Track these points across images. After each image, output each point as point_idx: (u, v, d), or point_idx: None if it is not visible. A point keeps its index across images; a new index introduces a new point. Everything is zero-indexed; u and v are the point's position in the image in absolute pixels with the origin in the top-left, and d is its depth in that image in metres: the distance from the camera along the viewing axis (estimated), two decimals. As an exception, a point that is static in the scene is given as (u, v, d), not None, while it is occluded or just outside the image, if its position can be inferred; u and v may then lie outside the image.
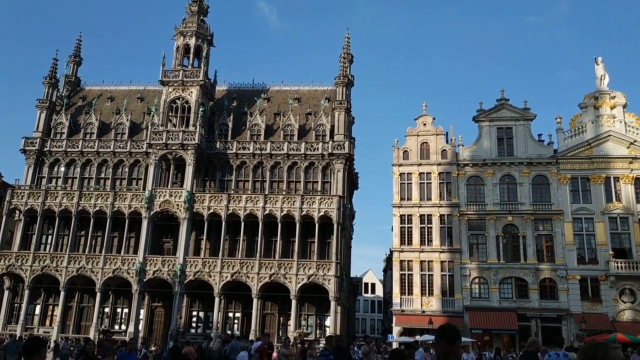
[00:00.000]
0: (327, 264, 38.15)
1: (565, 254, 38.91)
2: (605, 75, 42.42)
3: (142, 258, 39.11)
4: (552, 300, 38.45)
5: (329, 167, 41.65)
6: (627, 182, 39.75)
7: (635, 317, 37.05)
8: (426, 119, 43.79)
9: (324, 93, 46.52)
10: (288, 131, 43.26)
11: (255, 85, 48.23)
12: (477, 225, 40.80)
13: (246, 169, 42.50)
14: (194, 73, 43.20)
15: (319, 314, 39.95)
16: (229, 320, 40.83)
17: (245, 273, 38.33)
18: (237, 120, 44.57)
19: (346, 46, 45.34)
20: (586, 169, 40.53)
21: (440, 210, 41.24)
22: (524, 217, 39.94)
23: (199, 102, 42.63)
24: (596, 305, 37.75)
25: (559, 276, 38.56)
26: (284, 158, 41.88)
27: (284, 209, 39.17)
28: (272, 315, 40.40)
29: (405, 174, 42.69)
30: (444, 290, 39.81)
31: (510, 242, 40.11)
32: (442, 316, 38.66)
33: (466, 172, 41.92)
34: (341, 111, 42.60)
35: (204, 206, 39.88)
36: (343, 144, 41.48)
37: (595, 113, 41.46)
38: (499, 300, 38.91)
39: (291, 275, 37.80)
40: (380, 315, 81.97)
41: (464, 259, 39.92)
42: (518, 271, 39.19)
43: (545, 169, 40.93)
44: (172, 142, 41.21)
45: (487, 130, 42.56)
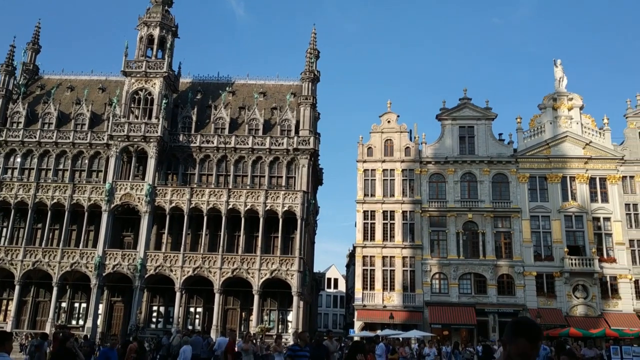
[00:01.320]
0: (290, 259, 38.21)
1: (523, 251, 39.96)
2: (563, 77, 43.63)
3: (102, 252, 38.33)
4: (509, 295, 39.46)
5: (293, 163, 41.63)
6: (582, 181, 41.05)
7: (587, 312, 38.36)
8: (390, 117, 44.22)
9: (290, 88, 46.46)
10: (253, 125, 43.03)
11: (220, 78, 47.77)
12: (438, 222, 41.49)
13: (210, 163, 42.09)
14: (157, 64, 42.47)
15: (282, 309, 40.00)
16: (190, 316, 40.48)
17: (208, 268, 38.04)
18: (201, 113, 44.06)
19: (312, 42, 45.34)
20: (544, 169, 41.67)
21: (402, 206, 41.76)
22: (483, 214, 40.81)
23: (163, 94, 41.95)
24: (551, 301, 38.93)
25: (516, 272, 39.59)
26: (249, 152, 41.65)
27: (247, 203, 38.99)
28: (234, 310, 40.24)
29: (369, 171, 43.03)
30: (405, 286, 40.37)
31: (470, 239, 40.95)
32: (403, 311, 39.27)
33: (429, 169, 42.54)
34: (307, 106, 42.62)
35: (166, 200, 39.33)
36: (308, 140, 41.52)
37: (553, 114, 42.64)
38: (459, 295, 39.70)
39: (254, 270, 37.70)
40: (343, 310, 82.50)
41: (425, 255, 40.56)
42: (477, 267, 40.05)
43: (505, 167, 41.90)
44: (134, 134, 40.46)
45: (449, 129, 43.26)
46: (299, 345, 10.99)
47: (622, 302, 38.65)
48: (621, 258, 39.48)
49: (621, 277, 39.03)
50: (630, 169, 41.20)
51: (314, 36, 45.58)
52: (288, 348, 11.27)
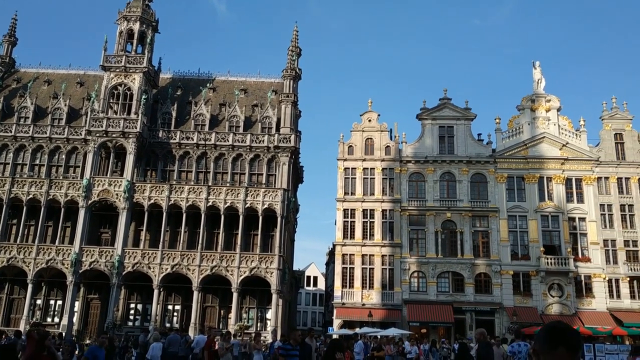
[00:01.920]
0: (270, 256, 38.14)
1: (500, 250, 40.46)
2: (542, 79, 44.22)
3: (78, 248, 37.81)
4: (486, 294, 39.92)
5: (274, 160, 41.55)
6: (559, 182, 41.69)
7: (562, 310, 39.01)
8: (371, 115, 44.37)
9: (271, 85, 46.33)
10: (233, 122, 42.82)
11: (201, 75, 47.43)
12: (417, 221, 41.78)
13: (189, 160, 41.79)
14: (137, 59, 42.00)
15: (261, 307, 39.93)
16: (168, 313, 40.19)
17: (186, 265, 37.79)
18: (181, 109, 43.72)
19: (294, 39, 45.27)
20: (522, 169, 42.23)
21: (382, 205, 41.96)
22: (462, 213, 41.21)
23: (142, 89, 41.51)
24: (527, 299, 39.49)
25: (493, 271, 40.07)
26: (229, 149, 41.44)
27: (227, 200, 38.82)
28: (213, 308, 40.05)
29: (350, 169, 43.15)
30: (384, 284, 40.59)
31: (449, 238, 41.33)
32: (382, 309, 39.48)
33: (408, 168, 42.80)
34: (288, 104, 42.56)
35: (144, 196, 38.95)
36: (289, 137, 41.46)
37: (531, 115, 43.21)
38: (437, 293, 40.04)
39: (233, 268, 37.55)
40: (322, 308, 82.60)
41: (404, 254, 40.83)
42: (455, 266, 40.43)
43: (484, 167, 42.35)
44: (112, 129, 39.97)
45: (429, 129, 43.57)
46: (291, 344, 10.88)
47: (596, 300, 39.38)
48: (595, 258, 40.20)
49: (595, 277, 39.76)
50: (605, 170, 41.96)
51: (295, 34, 45.52)
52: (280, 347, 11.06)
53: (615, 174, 41.85)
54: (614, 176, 41.81)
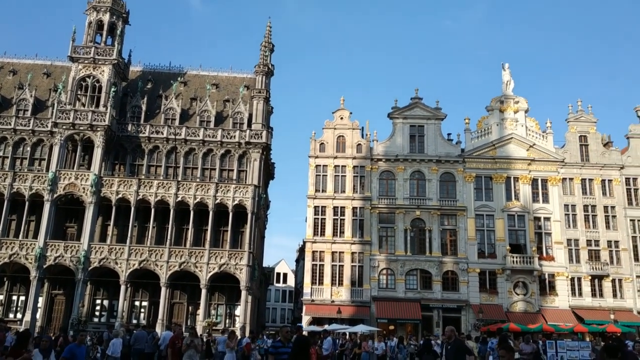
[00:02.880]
0: (239, 253, 37.99)
1: (467, 248, 41.12)
2: (510, 80, 45.02)
3: (43, 243, 36.98)
4: (453, 291, 40.53)
5: (245, 156, 41.36)
6: (525, 182, 42.56)
7: (526, 308, 39.88)
8: (343, 113, 44.52)
9: (243, 81, 46.08)
10: (204, 117, 42.46)
11: (172, 68, 46.87)
12: (387, 219, 42.14)
13: (159, 154, 41.29)
14: (106, 51, 41.24)
15: (229, 304, 39.76)
16: (135, 309, 39.71)
17: (154, 261, 37.37)
18: (151, 103, 43.13)
19: (267, 35, 45.07)
20: (490, 169, 42.96)
21: (353, 202, 42.18)
22: (431, 212, 41.72)
23: (111, 81, 40.80)
24: (493, 297, 40.24)
25: (460, 269, 40.70)
26: (199, 144, 41.09)
27: (197, 196, 38.49)
28: (181, 305, 39.71)
29: (321, 166, 43.25)
30: (353, 281, 40.83)
31: (418, 236, 41.80)
32: (351, 306, 39.72)
33: (379, 166, 43.12)
34: (260, 100, 42.39)
35: (112, 191, 38.32)
36: (260, 133, 41.32)
37: (500, 116, 43.98)
38: (405, 291, 40.48)
39: (202, 264, 37.28)
40: (291, 304, 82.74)
41: (374, 251, 41.15)
42: (423, 263, 40.93)
43: (453, 167, 42.94)
44: (80, 122, 39.19)
45: (400, 127, 43.96)
46: (281, 342, 10.18)
47: (559, 298, 40.37)
48: (559, 256, 41.20)
49: (559, 275, 40.75)
50: (569, 172, 43.01)
51: (269, 30, 45.32)
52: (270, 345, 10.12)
53: (580, 175, 42.94)
54: (578, 177, 42.90)
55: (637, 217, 42.10)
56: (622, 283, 40.82)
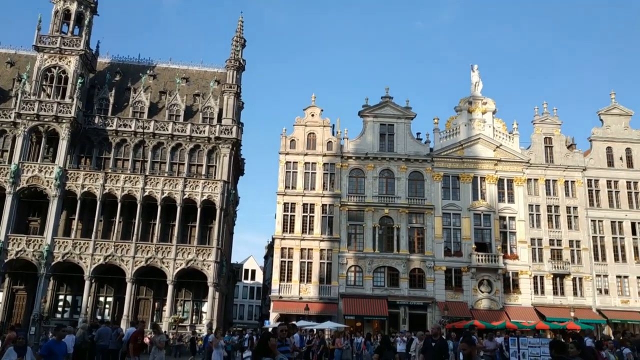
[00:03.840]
0: (207, 249, 37.69)
1: (434, 246, 41.70)
2: (479, 82, 45.76)
3: (4, 237, 35.98)
4: (420, 289, 41.06)
5: (214, 151, 41.02)
6: (492, 182, 43.36)
7: (490, 305, 40.67)
8: (314, 110, 44.57)
9: (214, 75, 45.68)
10: (174, 111, 41.95)
11: (141, 61, 46.12)
12: (356, 216, 42.41)
13: (126, 148, 40.62)
14: (73, 41, 40.32)
15: (196, 300, 39.44)
16: (99, 305, 39.03)
17: (120, 256, 36.79)
18: (119, 95, 42.37)
19: (239, 30, 44.76)
20: (457, 168, 43.62)
21: (322, 200, 42.31)
22: (399, 210, 42.14)
23: (78, 72, 39.92)
24: (458, 295, 40.91)
25: (427, 267, 41.25)
26: (168, 139, 40.57)
27: (165, 191, 38.02)
28: (147, 301, 39.20)
29: (292, 163, 43.23)
30: (321, 278, 40.99)
31: (386, 233, 42.20)
32: (319, 302, 39.87)
33: (349, 164, 43.34)
34: (230, 95, 42.08)
35: (77, 184, 37.54)
36: (231, 129, 41.04)
37: (468, 117, 44.68)
38: (372, 288, 40.82)
39: (169, 260, 36.88)
40: (259, 301, 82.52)
41: (342, 248, 41.37)
42: (391, 261, 41.34)
43: (421, 166, 43.46)
44: (45, 113, 38.23)
45: (371, 126, 44.26)
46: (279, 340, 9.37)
47: (522, 296, 41.29)
48: (523, 255, 42.13)
49: (522, 273, 41.67)
50: (534, 172, 44.00)
51: (240, 24, 45.00)
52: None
53: (544, 176, 43.96)
54: (543, 178, 43.91)
55: (598, 218, 43.35)
56: (582, 282, 42.00)
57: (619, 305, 41.51)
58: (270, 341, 6.40)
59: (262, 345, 6.46)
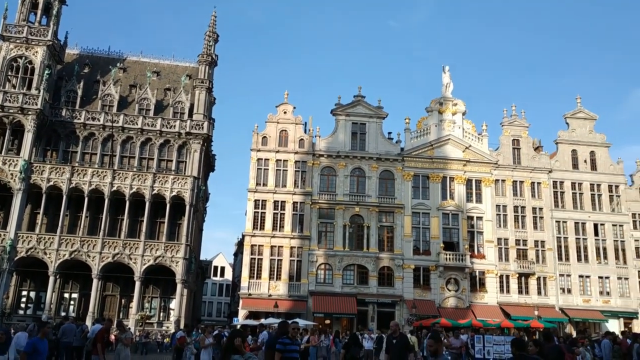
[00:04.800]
0: (176, 245, 37.33)
1: (403, 245, 42.13)
2: (450, 83, 46.36)
3: (-35, 231, 35.03)
4: (388, 287, 41.44)
5: (185, 147, 40.63)
6: (460, 182, 44.02)
7: (457, 304, 41.30)
8: (287, 107, 44.50)
9: (186, 70, 45.22)
10: (144, 105, 41.39)
11: (111, 53, 45.36)
12: (327, 214, 42.53)
13: (94, 142, 39.91)
14: (41, 31, 39.42)
15: (164, 297, 39.05)
16: (64, 302, 38.32)
17: (86, 252, 36.15)
18: (87, 88, 41.60)
19: (212, 24, 44.40)
20: (427, 168, 44.13)
21: (294, 197, 42.30)
22: (370, 208, 42.44)
23: (45, 63, 39.05)
24: (426, 293, 41.43)
25: (396, 265, 41.65)
26: (138, 133, 40.01)
27: (133, 186, 37.50)
28: (113, 297, 38.64)
29: (263, 160, 43.09)
30: (291, 275, 41.00)
31: (356, 232, 42.44)
32: (288, 300, 39.88)
33: (321, 162, 43.43)
34: (202, 90, 41.72)
35: (43, 178, 36.75)
36: (202, 124, 40.69)
37: (439, 117, 45.23)
38: (342, 285, 41.03)
39: (137, 256, 36.40)
40: (228, 298, 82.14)
41: (313, 246, 41.45)
42: (361, 259, 41.61)
43: (392, 165, 43.83)
44: (9, 104, 37.30)
45: (343, 124, 44.43)
46: (289, 338, 9.23)
47: (488, 295, 42.05)
48: (490, 255, 42.90)
49: (488, 273, 42.44)
50: (502, 173, 44.81)
51: (214, 19, 44.64)
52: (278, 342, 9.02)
53: (511, 177, 44.81)
54: (510, 179, 44.77)
55: (563, 219, 44.42)
56: (547, 281, 43.00)
57: (581, 304, 42.65)
58: (236, 341, 6.39)
59: (231, 343, 6.45)
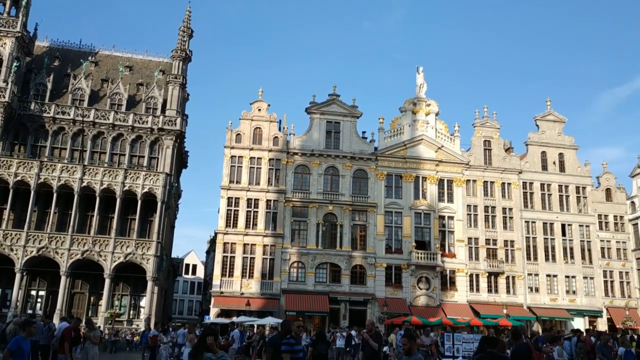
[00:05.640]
0: (147, 243, 36.87)
1: (376, 244, 42.42)
2: (424, 84, 46.81)
3: None
4: (361, 285, 41.68)
5: (157, 143, 40.15)
6: (433, 182, 44.52)
7: (428, 302, 41.79)
8: (261, 105, 44.34)
9: (159, 65, 44.67)
10: (116, 100, 40.74)
11: (83, 47, 44.51)
12: (300, 212, 42.55)
13: (64, 136, 39.14)
14: (9, 22, 38.47)
15: (135, 294, 38.52)
16: (31, 299, 37.49)
17: (55, 248, 35.44)
18: (58, 81, 40.76)
19: (187, 20, 43.96)
20: (400, 168, 44.50)
21: (267, 195, 42.20)
22: (343, 207, 42.61)
23: (14, 55, 38.14)
24: (397, 291, 41.82)
25: (368, 263, 41.92)
26: (109, 128, 39.38)
27: (104, 182, 36.87)
28: (82, 295, 37.96)
29: (237, 157, 42.88)
30: (264, 273, 40.90)
31: (329, 230, 42.57)
32: (260, 298, 39.79)
33: (295, 160, 43.42)
34: (176, 86, 41.28)
35: (10, 172, 35.88)
36: (175, 120, 40.26)
37: (412, 117, 45.65)
38: (314, 284, 41.11)
39: (107, 253, 35.82)
40: (200, 296, 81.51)
41: (286, 244, 41.43)
42: (333, 257, 41.76)
43: (366, 164, 44.08)
44: (-25, 97, 36.28)
45: (317, 123, 44.48)
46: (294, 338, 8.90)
47: (458, 293, 42.65)
48: (460, 254, 43.51)
49: (459, 271, 43.03)
50: (473, 174, 45.48)
51: (188, 14, 44.21)
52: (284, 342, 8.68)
53: (482, 178, 45.51)
54: (481, 179, 45.46)
55: (532, 219, 45.30)
56: (515, 280, 43.81)
57: (548, 303, 43.60)
58: (208, 339, 6.37)
59: (203, 341, 6.43)
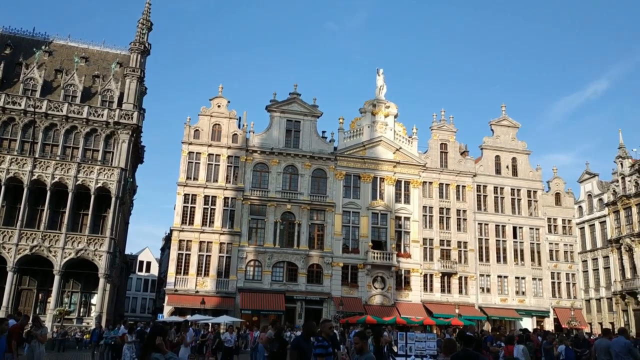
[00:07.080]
0: (100, 239, 35.94)
1: (333, 243, 42.68)
2: (384, 86, 47.37)
3: None
4: (317, 284, 41.86)
5: (113, 137, 39.18)
6: (390, 183, 45.11)
7: (383, 301, 42.33)
8: (221, 101, 43.94)
9: (116, 57, 43.61)
10: (70, 92, 39.53)
11: (36, 35, 43.01)
12: (258, 211, 42.38)
13: (14, 127, 37.72)
14: (-43, 7, 36.81)
15: (85, 292, 37.49)
16: (-26, 295, 35.93)
17: (1, 243, 34.12)
18: (8, 70, 39.24)
19: (146, 12, 43.09)
20: (359, 168, 44.91)
21: (225, 192, 41.86)
22: (301, 206, 42.67)
23: (-39, 42, 36.51)
24: (353, 290, 42.19)
25: (325, 263, 42.14)
26: (62, 120, 38.20)
27: (56, 175, 35.72)
28: (30, 291, 36.67)
29: (195, 154, 42.38)
30: (220, 272, 40.57)
31: (287, 229, 42.57)
32: (216, 296, 39.44)
33: (254, 158, 43.21)
34: (133, 79, 40.40)
35: (-46, 163, 34.33)
36: (131, 114, 39.40)
37: (372, 119, 46.13)
38: (271, 282, 41.03)
39: (57, 249, 34.74)
40: (153, 294, 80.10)
41: (243, 242, 41.20)
42: (291, 256, 41.78)
43: (325, 164, 44.28)
44: None
45: (277, 121, 44.39)
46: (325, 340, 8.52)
47: (412, 293, 43.37)
48: (415, 254, 44.25)
49: (414, 271, 43.76)
50: (430, 176, 46.33)
51: (148, 6, 43.34)
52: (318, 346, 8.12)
53: (438, 180, 46.41)
54: (437, 181, 46.35)
55: (485, 221, 46.50)
56: (467, 280, 44.88)
57: (499, 303, 44.85)
58: (157, 339, 6.15)
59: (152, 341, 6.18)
